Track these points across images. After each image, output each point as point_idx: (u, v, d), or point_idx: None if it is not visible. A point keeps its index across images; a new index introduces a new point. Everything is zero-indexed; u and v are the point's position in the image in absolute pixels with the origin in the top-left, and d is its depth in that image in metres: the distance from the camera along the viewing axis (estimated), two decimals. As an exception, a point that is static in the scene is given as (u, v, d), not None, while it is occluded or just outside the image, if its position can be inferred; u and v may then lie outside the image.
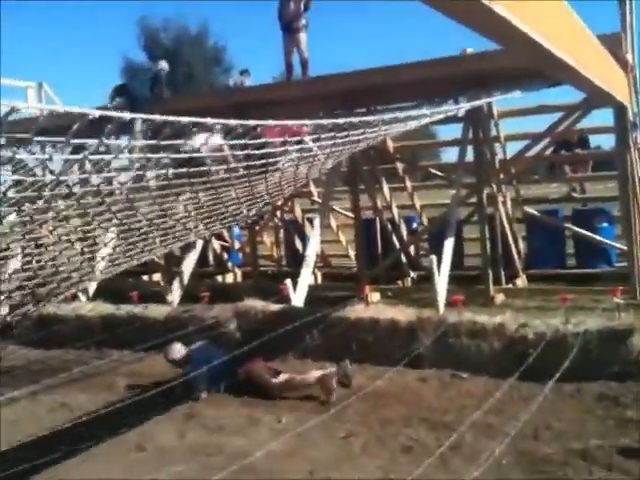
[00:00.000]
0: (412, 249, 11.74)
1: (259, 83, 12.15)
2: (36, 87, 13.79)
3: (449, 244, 8.94)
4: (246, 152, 4.00)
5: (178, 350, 6.54)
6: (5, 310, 5.68)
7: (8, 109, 2.32)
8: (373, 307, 7.80)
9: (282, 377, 6.17)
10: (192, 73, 35.47)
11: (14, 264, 4.56)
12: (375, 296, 9.74)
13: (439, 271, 8.16)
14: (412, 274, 11.13)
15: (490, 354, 6.38)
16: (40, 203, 4.20)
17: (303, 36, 10.81)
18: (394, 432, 5.11)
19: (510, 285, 10.02)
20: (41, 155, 2.80)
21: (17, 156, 2.57)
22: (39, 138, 2.56)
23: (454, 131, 11.24)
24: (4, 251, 4.15)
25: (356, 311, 7.30)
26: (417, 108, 7.51)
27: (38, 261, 5.10)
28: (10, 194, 3.09)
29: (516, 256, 10.42)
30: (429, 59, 9.09)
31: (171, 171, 3.57)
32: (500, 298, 9.40)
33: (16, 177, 2.98)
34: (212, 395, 6.24)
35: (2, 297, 4.87)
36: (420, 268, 11.22)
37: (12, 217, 3.99)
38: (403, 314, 7.04)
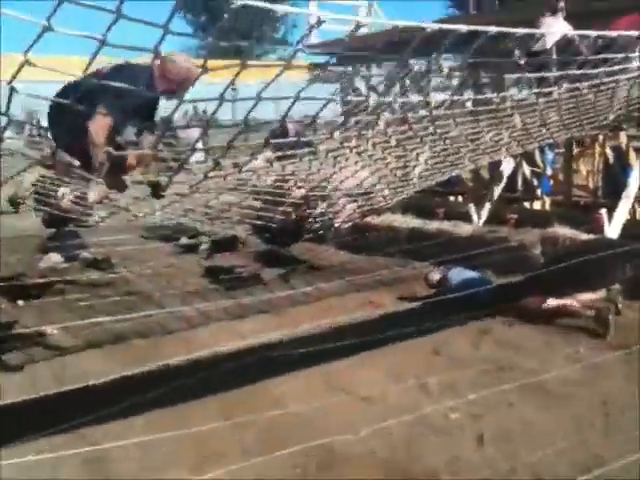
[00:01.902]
0: None
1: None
2: (367, 6, 14.51)
3: None
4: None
5: (435, 273, 6.99)
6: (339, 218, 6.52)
7: (353, 25, 2.60)
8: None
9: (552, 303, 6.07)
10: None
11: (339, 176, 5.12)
12: None
13: None
14: None
15: None
16: (365, 118, 4.62)
17: None
18: None
19: None
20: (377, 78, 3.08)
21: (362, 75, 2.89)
22: (377, 56, 2.83)
23: None
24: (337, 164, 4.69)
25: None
26: None
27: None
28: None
29: None
30: None
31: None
32: None
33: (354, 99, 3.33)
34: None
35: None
36: None
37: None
38: None
